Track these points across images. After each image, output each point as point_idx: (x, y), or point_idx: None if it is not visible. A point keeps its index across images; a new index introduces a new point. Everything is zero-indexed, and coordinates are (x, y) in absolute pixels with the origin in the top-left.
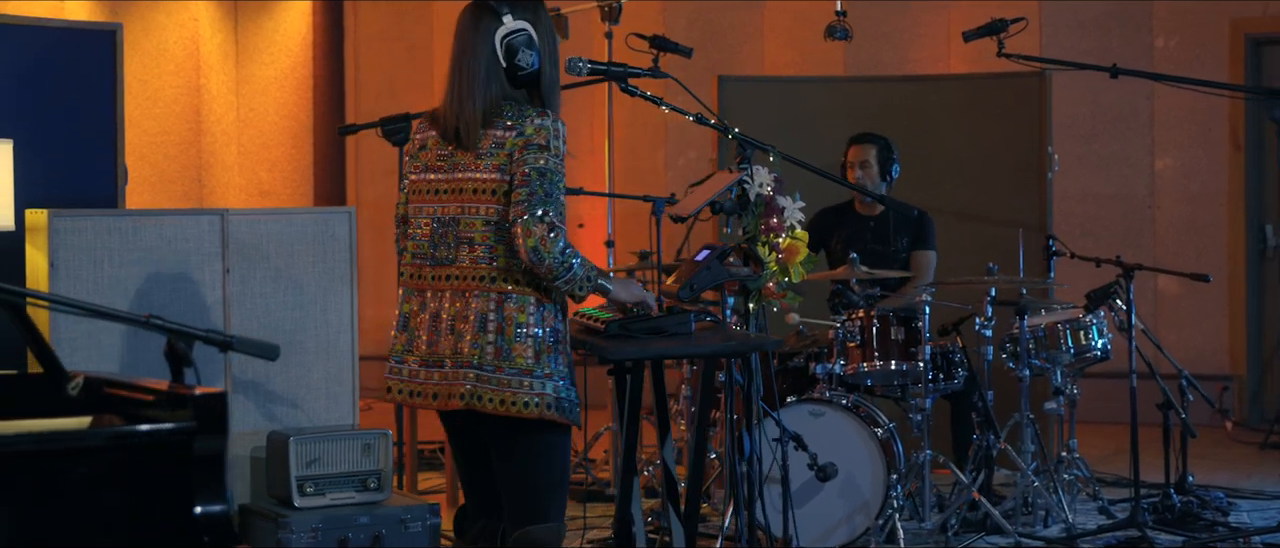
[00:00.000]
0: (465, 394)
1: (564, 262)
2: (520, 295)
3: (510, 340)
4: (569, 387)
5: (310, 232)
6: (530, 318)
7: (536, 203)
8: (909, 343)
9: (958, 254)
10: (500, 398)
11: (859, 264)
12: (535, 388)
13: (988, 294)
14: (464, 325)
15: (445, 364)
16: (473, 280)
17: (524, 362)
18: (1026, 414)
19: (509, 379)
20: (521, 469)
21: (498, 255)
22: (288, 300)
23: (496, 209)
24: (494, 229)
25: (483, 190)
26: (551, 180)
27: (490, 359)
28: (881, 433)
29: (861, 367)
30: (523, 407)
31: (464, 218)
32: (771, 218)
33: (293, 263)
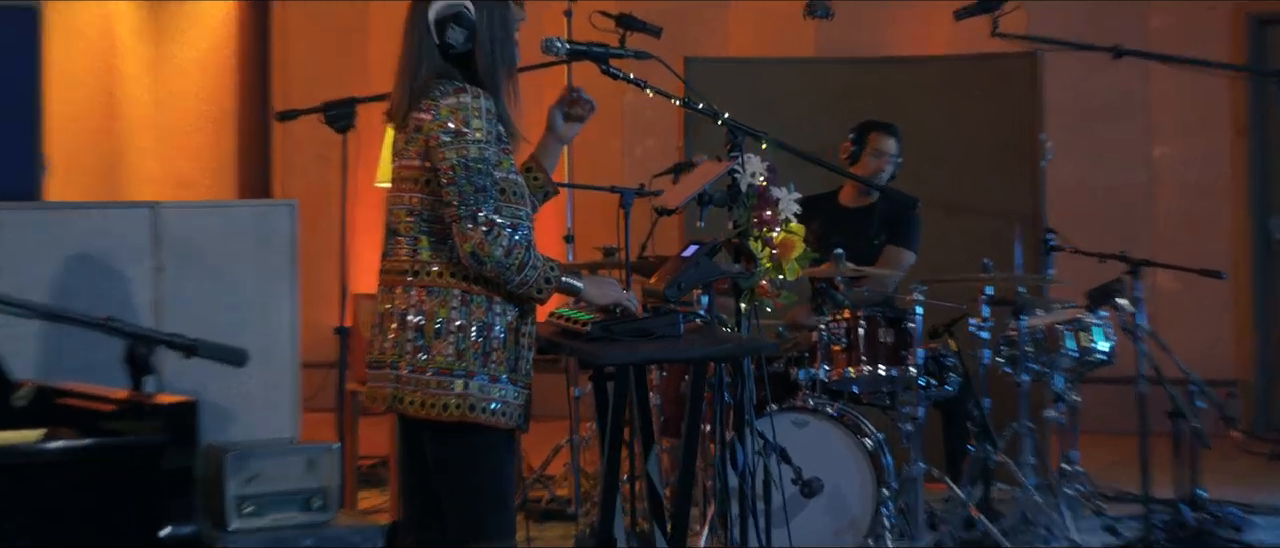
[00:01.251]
0: (388, 397)
1: (511, 263)
2: (442, 289)
3: (430, 337)
4: (505, 385)
5: (249, 227)
6: (454, 313)
7: (467, 202)
8: (899, 346)
9: (947, 249)
10: (420, 400)
11: (844, 260)
12: (455, 387)
13: (983, 293)
14: (391, 322)
15: (376, 364)
16: (398, 275)
17: (443, 359)
18: (1025, 423)
19: (429, 379)
20: (454, 479)
21: (422, 247)
22: (224, 301)
23: (420, 198)
24: (418, 220)
25: (406, 178)
26: (479, 172)
27: (410, 357)
28: (870, 444)
29: (847, 372)
30: (443, 409)
31: (394, 208)
32: (765, 210)
33: (229, 261)
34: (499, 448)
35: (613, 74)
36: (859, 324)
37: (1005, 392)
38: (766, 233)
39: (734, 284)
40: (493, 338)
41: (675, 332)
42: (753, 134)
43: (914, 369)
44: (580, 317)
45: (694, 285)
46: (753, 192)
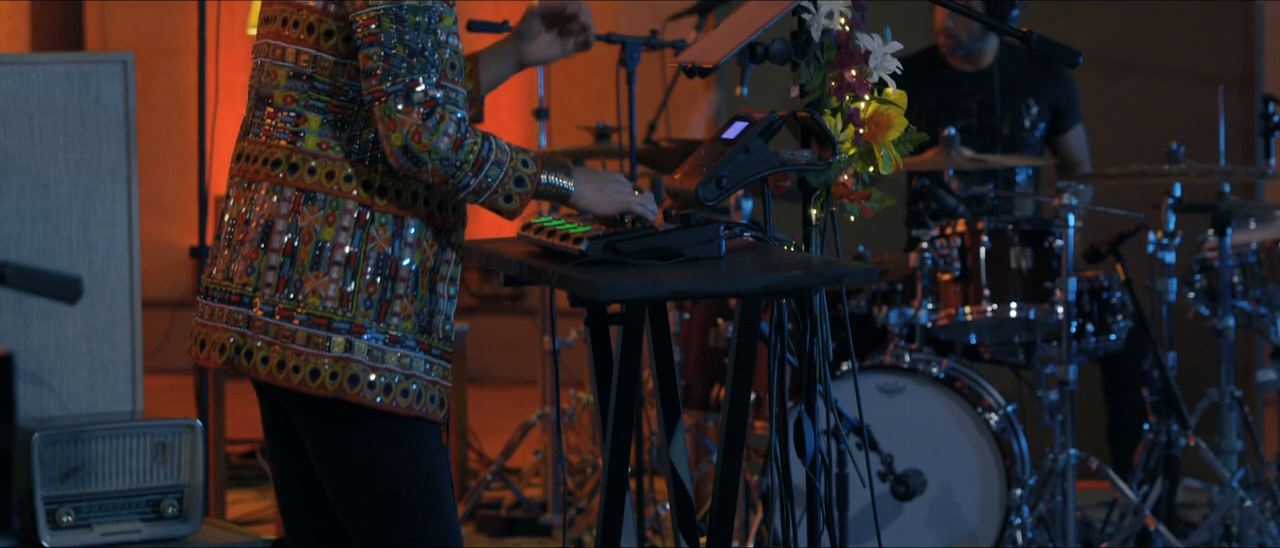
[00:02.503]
0: (227, 346)
1: (463, 159)
2: (330, 197)
3: (303, 267)
4: (410, 351)
5: (61, 93)
6: (341, 235)
7: (397, 71)
8: (1040, 274)
9: (1115, 129)
10: (277, 358)
11: (959, 145)
12: (333, 346)
13: (1168, 196)
14: (244, 235)
15: (216, 295)
16: (264, 165)
17: (318, 302)
18: (1229, 390)
19: (295, 330)
20: (345, 479)
21: (306, 130)
22: (25, 206)
23: (310, 55)
24: (305, 87)
25: (293, 21)
26: (416, 26)
27: (269, 295)
28: (995, 422)
29: (961, 313)
30: (309, 377)
31: (267, 62)
32: (848, 69)
33: (32, 145)
34: (411, 440)
35: None
36: (980, 242)
37: (1199, 343)
38: (851, 103)
39: (801, 181)
40: (397, 279)
41: (714, 252)
42: None
43: (1062, 310)
44: (569, 229)
45: (742, 182)
46: (829, 41)
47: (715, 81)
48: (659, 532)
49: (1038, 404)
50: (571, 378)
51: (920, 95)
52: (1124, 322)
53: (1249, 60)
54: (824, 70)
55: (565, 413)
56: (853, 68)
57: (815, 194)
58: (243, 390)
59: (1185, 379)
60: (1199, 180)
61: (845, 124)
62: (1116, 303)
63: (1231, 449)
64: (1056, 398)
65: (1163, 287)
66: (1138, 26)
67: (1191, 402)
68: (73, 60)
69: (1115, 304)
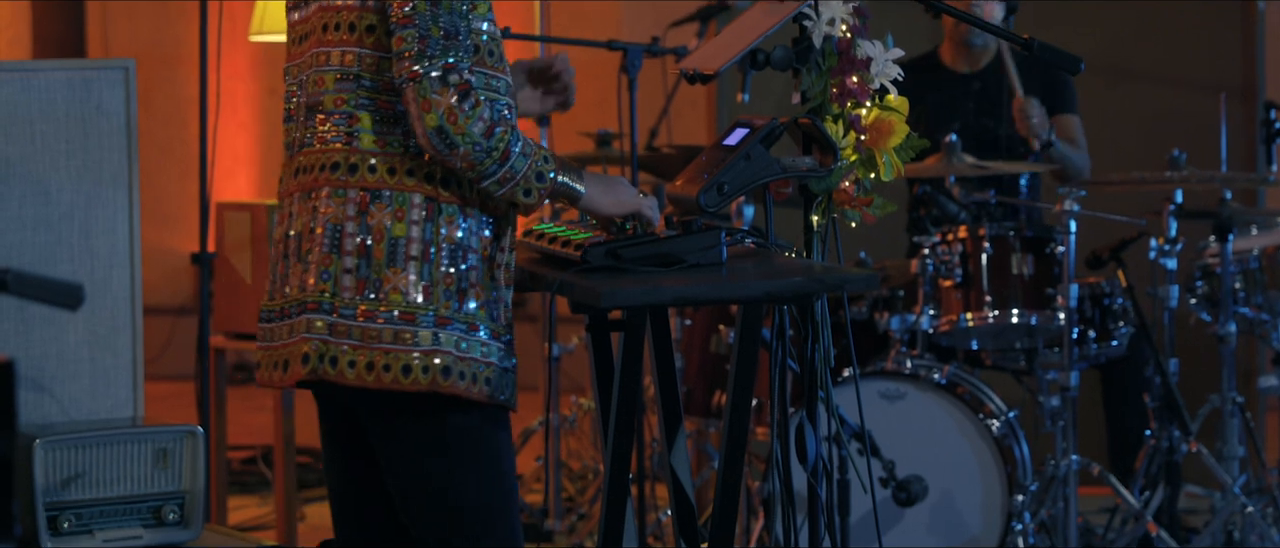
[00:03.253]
0: (311, 354)
1: (493, 147)
2: (397, 193)
3: (379, 265)
4: (485, 339)
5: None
6: (413, 229)
7: (431, 52)
8: (1041, 281)
9: (1116, 136)
10: (366, 359)
11: (961, 152)
12: (421, 341)
13: (1169, 202)
14: (310, 245)
15: (292, 311)
16: (323, 172)
17: (400, 298)
18: (1230, 396)
19: (380, 329)
20: (416, 480)
21: (360, 130)
22: (26, 214)
23: (356, 54)
24: (355, 88)
25: (333, 24)
26: (450, 9)
27: (349, 298)
28: (996, 428)
29: (963, 319)
30: (401, 374)
31: (312, 73)
32: (850, 75)
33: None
34: (487, 433)
35: None
36: (982, 249)
37: (1201, 349)
38: (852, 109)
39: (803, 187)
40: (468, 268)
41: (715, 258)
42: None
43: (1064, 316)
44: (570, 235)
45: (743, 189)
46: (831, 47)
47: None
48: (660, 538)
49: (1039, 410)
50: (573, 384)
51: (918, 100)
52: (1126, 328)
53: (1250, 67)
54: (825, 77)
55: (567, 419)
56: (854, 74)
57: (817, 200)
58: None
59: (1187, 385)
60: (1201, 187)
61: (847, 131)
62: (1118, 309)
63: (1233, 455)
64: (1058, 404)
65: (1164, 293)
66: (1139, 33)
67: (1193, 408)
68: (74, 67)
69: (1117, 310)
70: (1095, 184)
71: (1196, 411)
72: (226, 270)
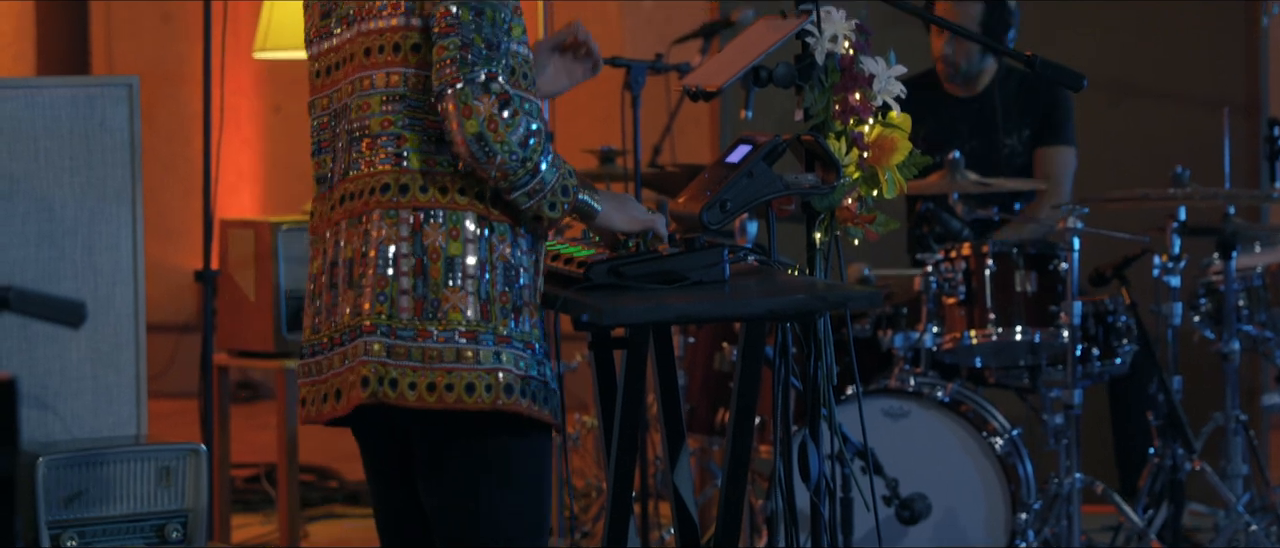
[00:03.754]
0: (370, 378)
1: (527, 157)
2: (450, 211)
3: (437, 285)
4: (540, 359)
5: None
6: (468, 247)
7: (472, 61)
8: (1045, 298)
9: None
10: (427, 380)
11: (964, 169)
12: (483, 359)
13: (1173, 219)
14: (363, 268)
15: (345, 338)
16: (373, 195)
17: (460, 318)
18: (1234, 414)
19: (440, 348)
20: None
21: (408, 149)
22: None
23: (402, 74)
24: (402, 107)
25: (377, 47)
26: (494, 21)
27: (407, 319)
28: (1000, 446)
29: (967, 337)
30: (465, 393)
31: (354, 99)
32: (852, 92)
33: (37, 169)
34: (535, 452)
35: None
36: (985, 266)
37: (1205, 367)
38: (855, 126)
39: (805, 205)
40: (521, 286)
41: (717, 276)
42: None
43: (1068, 333)
44: (573, 253)
45: (746, 206)
46: (834, 64)
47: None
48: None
49: (1043, 428)
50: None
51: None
52: (1129, 346)
53: (1254, 84)
54: (828, 94)
55: (570, 437)
56: (857, 91)
57: (819, 218)
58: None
59: (1190, 403)
60: (1204, 204)
61: (849, 148)
62: (1122, 327)
63: (1237, 474)
64: (1062, 422)
65: (1168, 310)
66: (1141, 49)
67: (1197, 426)
68: (78, 84)
69: (1120, 328)
70: (1098, 201)
71: (1200, 428)
72: (230, 287)
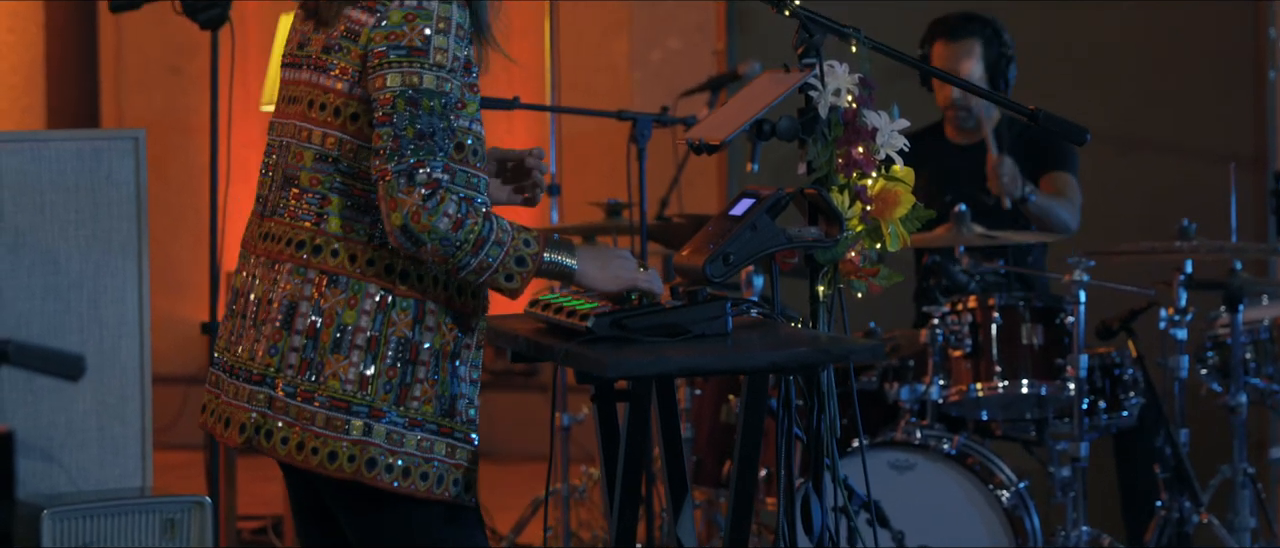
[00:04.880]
0: (247, 425)
1: (462, 240)
2: (352, 282)
3: (324, 349)
4: (430, 435)
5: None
6: (363, 319)
7: (403, 151)
8: (1051, 351)
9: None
10: (297, 439)
11: (969, 222)
12: (352, 429)
13: (1179, 272)
14: (267, 315)
15: (240, 374)
16: (288, 247)
17: (338, 385)
18: (1242, 467)
19: (315, 412)
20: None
21: (330, 212)
22: (35, 284)
23: (336, 138)
24: (331, 171)
25: (319, 104)
26: (430, 111)
27: (291, 376)
28: (1006, 498)
29: (973, 389)
30: (327, 459)
31: (294, 143)
32: (855, 146)
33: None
34: (442, 532)
35: None
36: (992, 319)
37: (1212, 420)
38: (858, 180)
39: (809, 258)
40: (417, 363)
41: (720, 329)
42: (837, 31)
43: (1074, 386)
44: (576, 306)
45: (749, 259)
46: (836, 118)
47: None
48: None
49: (1050, 481)
50: (583, 454)
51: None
52: (1136, 398)
53: (1261, 137)
54: (831, 148)
55: (576, 489)
56: (860, 145)
57: (823, 271)
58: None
59: (1198, 456)
60: (1211, 257)
61: (852, 201)
62: (1129, 379)
63: (1244, 527)
64: (1069, 475)
65: (1175, 363)
66: (1150, 103)
67: (1204, 479)
68: (84, 137)
69: (1127, 381)
70: (1105, 254)
71: (1207, 481)
72: None
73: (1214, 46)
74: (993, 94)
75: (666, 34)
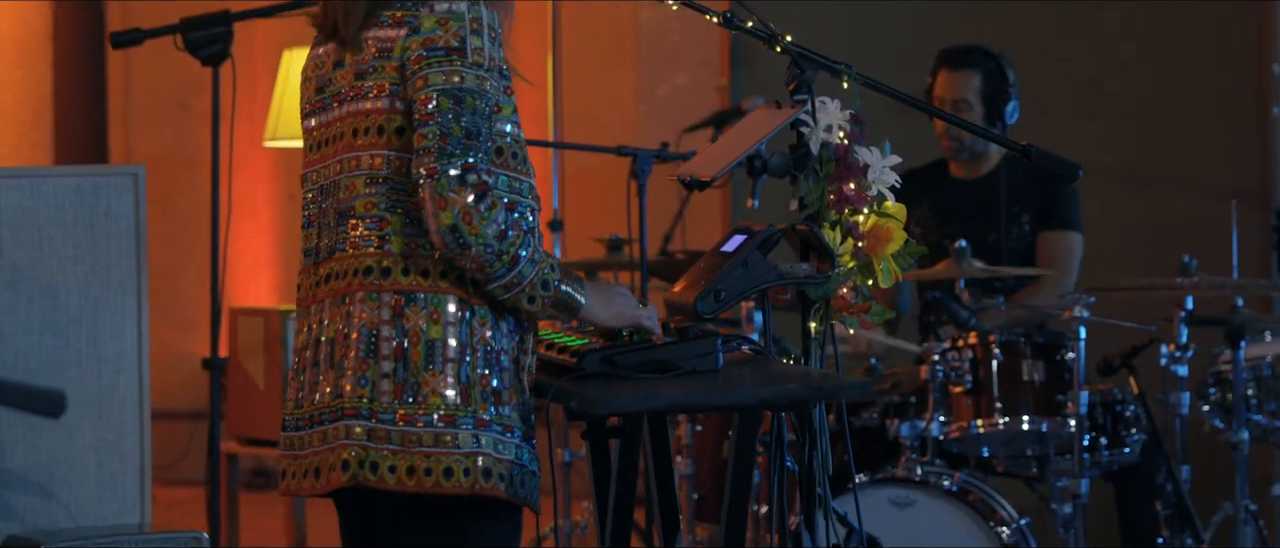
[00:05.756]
0: (351, 461)
1: (503, 250)
2: (431, 295)
3: (417, 368)
4: (521, 444)
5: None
6: (449, 331)
7: (450, 149)
8: (1052, 387)
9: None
10: (407, 464)
11: (970, 257)
12: (462, 443)
13: (1181, 308)
14: (345, 351)
15: (325, 418)
16: (356, 277)
17: (439, 400)
18: (1244, 504)
19: (421, 432)
20: None
21: (391, 232)
22: (33, 320)
23: (385, 157)
24: (385, 190)
25: (363, 129)
26: (474, 109)
27: (387, 402)
28: (1007, 536)
29: (974, 426)
30: (443, 477)
31: (342, 178)
32: (847, 182)
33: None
34: (510, 537)
35: None
36: (992, 355)
37: (1214, 456)
38: (849, 216)
39: (800, 294)
40: (502, 370)
41: (711, 365)
42: (829, 67)
43: (1075, 422)
44: (567, 342)
45: (740, 295)
46: (828, 154)
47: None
48: None
49: (1052, 518)
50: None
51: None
52: (1138, 435)
53: (1264, 173)
54: (823, 184)
55: (577, 525)
56: (851, 181)
57: (815, 307)
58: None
59: (1199, 493)
60: (1212, 293)
61: (844, 237)
62: (1130, 416)
63: None
64: (1070, 511)
65: (1176, 400)
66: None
67: (1206, 516)
68: (83, 173)
69: (1129, 417)
70: (1105, 290)
71: (1209, 518)
72: (240, 375)
73: (1217, 81)
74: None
75: (673, 69)
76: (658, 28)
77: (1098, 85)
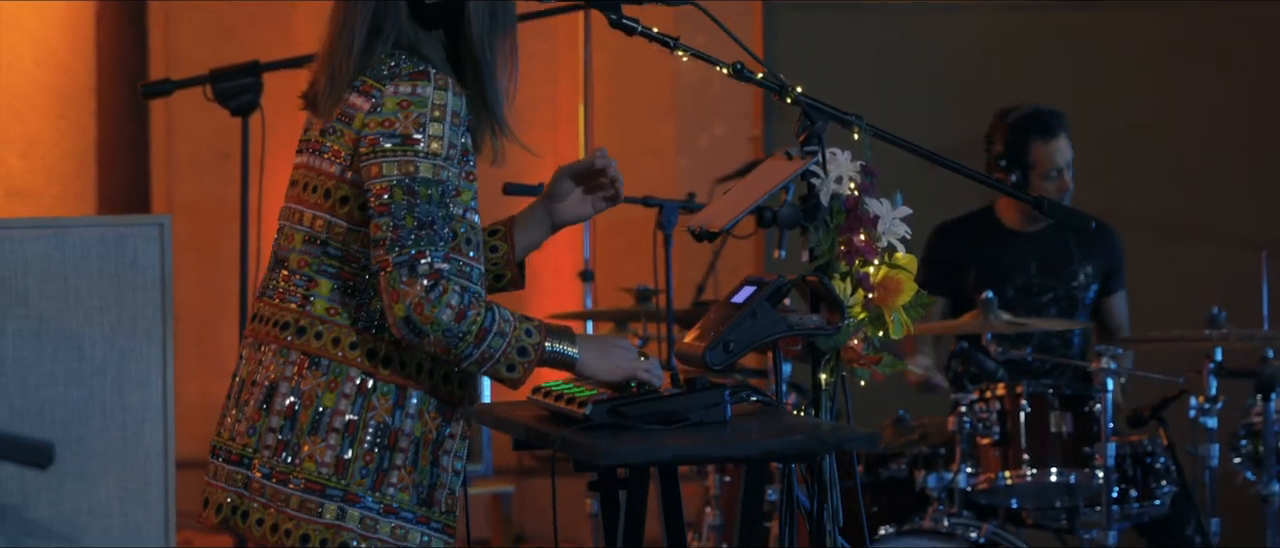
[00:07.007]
0: (225, 506)
1: (465, 331)
2: (334, 364)
3: (301, 431)
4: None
5: (96, 256)
6: (342, 402)
7: (404, 241)
8: (1081, 439)
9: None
10: (272, 521)
11: (997, 309)
12: (325, 514)
13: (1209, 360)
14: (248, 396)
15: (221, 454)
16: (273, 326)
17: (314, 468)
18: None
19: (289, 493)
20: None
21: (316, 295)
22: (58, 370)
23: (325, 221)
24: (319, 253)
25: (313, 186)
26: (428, 200)
27: (267, 457)
28: None
29: (1002, 477)
30: (299, 542)
31: (286, 226)
32: (857, 233)
33: (67, 308)
34: None
35: (626, 27)
36: (1020, 406)
37: (1245, 508)
38: (860, 267)
39: (811, 345)
40: (396, 450)
41: (720, 416)
42: (839, 118)
43: (1103, 474)
44: (576, 393)
45: (750, 347)
46: (838, 205)
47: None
48: None
49: None
50: None
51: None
52: (1168, 487)
53: None
54: (833, 235)
55: None
56: (862, 232)
57: (825, 358)
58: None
59: (1229, 545)
60: (1241, 346)
61: (854, 289)
62: (1160, 468)
63: None
64: None
65: (1205, 452)
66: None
67: None
68: (108, 223)
69: (1159, 469)
70: (1134, 342)
71: None
72: None
73: (1247, 131)
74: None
75: (713, 119)
76: (698, 78)
77: (1128, 136)
